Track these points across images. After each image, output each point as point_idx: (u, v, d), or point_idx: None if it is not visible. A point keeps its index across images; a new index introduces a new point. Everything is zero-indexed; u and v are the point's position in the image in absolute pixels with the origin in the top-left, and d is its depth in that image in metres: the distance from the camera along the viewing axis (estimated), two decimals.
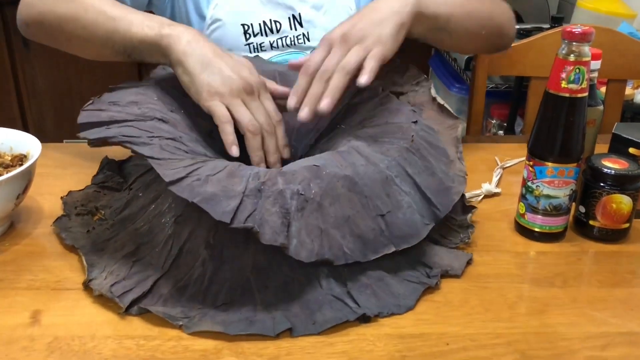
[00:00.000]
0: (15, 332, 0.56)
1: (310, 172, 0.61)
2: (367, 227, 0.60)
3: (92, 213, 0.72)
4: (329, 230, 0.59)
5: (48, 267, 0.65)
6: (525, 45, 1.16)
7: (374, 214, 0.61)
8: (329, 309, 0.58)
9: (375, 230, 0.61)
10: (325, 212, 0.59)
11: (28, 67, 2.14)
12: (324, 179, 0.61)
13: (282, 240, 0.56)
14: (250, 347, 0.55)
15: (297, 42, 0.97)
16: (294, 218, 0.58)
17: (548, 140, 0.68)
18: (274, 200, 0.58)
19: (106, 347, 0.54)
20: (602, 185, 0.70)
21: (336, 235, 0.59)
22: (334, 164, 0.64)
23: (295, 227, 0.58)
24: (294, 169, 0.62)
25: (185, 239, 0.62)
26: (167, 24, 0.74)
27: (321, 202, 0.59)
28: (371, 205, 0.61)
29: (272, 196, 0.58)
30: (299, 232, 0.58)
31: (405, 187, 0.64)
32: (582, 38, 0.64)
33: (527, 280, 0.65)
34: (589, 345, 0.55)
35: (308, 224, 0.58)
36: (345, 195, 0.61)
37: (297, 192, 0.59)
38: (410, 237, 0.62)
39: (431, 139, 0.71)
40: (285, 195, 0.59)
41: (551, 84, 0.67)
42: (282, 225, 0.57)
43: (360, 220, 0.60)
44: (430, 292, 0.62)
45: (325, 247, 0.58)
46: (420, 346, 0.55)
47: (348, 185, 0.61)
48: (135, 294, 0.58)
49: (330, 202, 0.60)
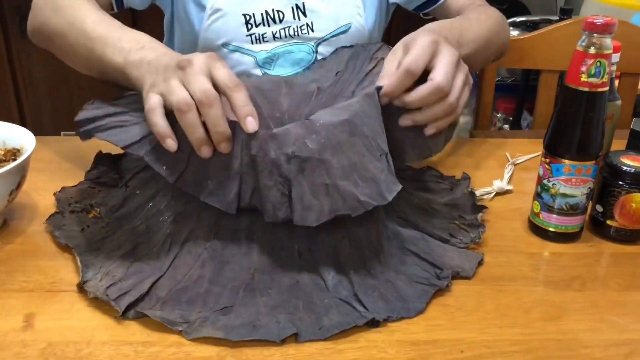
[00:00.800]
0: (7, 337, 0.53)
1: (303, 128, 0.57)
2: (376, 169, 0.57)
3: (87, 210, 0.69)
4: (337, 184, 0.55)
5: (42, 268, 0.62)
6: (536, 38, 1.13)
7: (378, 154, 0.58)
8: (336, 312, 0.55)
9: (383, 170, 0.58)
10: (329, 165, 0.55)
11: (25, 56, 2.11)
12: (319, 131, 0.57)
13: (283, 214, 0.54)
14: (255, 353, 0.52)
15: (300, 32, 0.94)
16: (294, 184, 0.55)
17: (566, 136, 0.65)
18: (269, 173, 0.55)
19: (103, 353, 0.52)
20: (620, 183, 0.67)
21: (346, 186, 0.55)
22: (329, 113, 0.60)
23: (296, 193, 0.54)
24: (286, 128, 0.58)
25: (184, 238, 0.60)
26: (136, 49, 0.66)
27: (321, 157, 0.55)
28: (374, 144, 0.59)
29: (266, 168, 0.55)
30: (302, 196, 0.54)
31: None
32: (603, 29, 0.60)
33: (543, 283, 0.62)
34: (612, 354, 0.53)
35: (312, 184, 0.55)
36: (347, 142, 0.57)
37: (293, 154, 0.55)
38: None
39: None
40: (280, 162, 0.55)
41: (570, 77, 0.63)
42: (281, 196, 0.54)
43: (368, 163, 0.57)
44: (442, 295, 0.59)
45: (338, 202, 0.55)
46: (434, 353, 0.52)
47: (349, 130, 0.57)
48: (132, 297, 0.55)
49: (332, 153, 0.56)
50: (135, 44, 0.67)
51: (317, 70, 0.86)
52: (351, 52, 0.84)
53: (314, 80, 0.81)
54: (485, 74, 1.15)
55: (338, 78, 0.80)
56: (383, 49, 0.80)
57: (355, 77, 0.78)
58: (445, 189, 0.77)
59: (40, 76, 2.14)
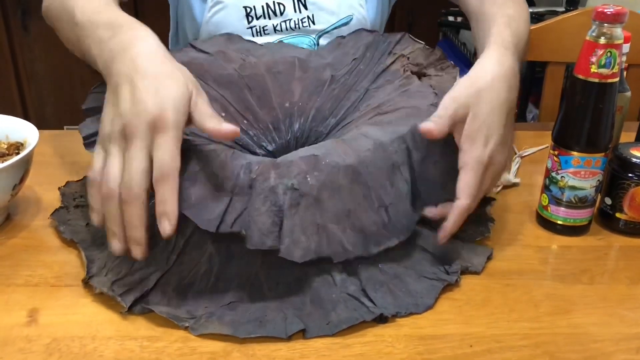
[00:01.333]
0: (11, 333, 0.53)
1: (307, 164, 0.57)
2: (369, 220, 0.57)
3: None
4: (327, 226, 0.55)
5: (46, 262, 0.62)
6: (542, 29, 1.12)
7: (376, 206, 0.57)
8: (344, 308, 0.55)
9: (377, 223, 0.57)
10: (323, 206, 0.55)
11: (27, 50, 2.11)
12: (323, 170, 0.57)
13: (271, 242, 0.52)
14: (262, 348, 0.51)
15: (301, 25, 0.93)
16: (287, 216, 0.54)
17: (575, 128, 0.64)
18: (264, 198, 0.54)
19: (108, 348, 0.51)
20: (630, 175, 0.66)
21: (335, 231, 0.55)
22: (337, 152, 0.59)
23: (288, 225, 0.54)
24: (289, 160, 0.58)
25: (190, 232, 0.59)
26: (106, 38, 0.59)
27: (318, 196, 0.55)
28: (374, 196, 0.57)
29: (262, 193, 0.54)
30: (292, 230, 0.54)
31: (406, 175, 0.60)
32: (614, 19, 0.59)
33: (552, 277, 0.62)
34: (623, 348, 0.52)
35: (303, 220, 0.54)
36: (346, 188, 0.57)
37: (292, 186, 0.55)
38: (407, 230, 0.58)
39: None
40: (278, 191, 0.55)
41: (579, 68, 0.62)
42: (272, 224, 0.53)
43: (362, 213, 0.57)
44: (450, 290, 0.59)
45: (324, 243, 0.54)
46: (443, 348, 0.52)
47: (351, 175, 0.57)
48: (138, 292, 0.55)
49: (329, 195, 0.56)
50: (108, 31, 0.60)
51: (334, 50, 0.83)
52: (371, 38, 0.81)
53: (329, 64, 0.79)
54: None
55: (354, 67, 0.78)
56: (403, 42, 0.78)
57: (371, 70, 0.77)
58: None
59: (42, 70, 2.14)
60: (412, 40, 0.78)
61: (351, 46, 0.82)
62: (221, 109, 0.72)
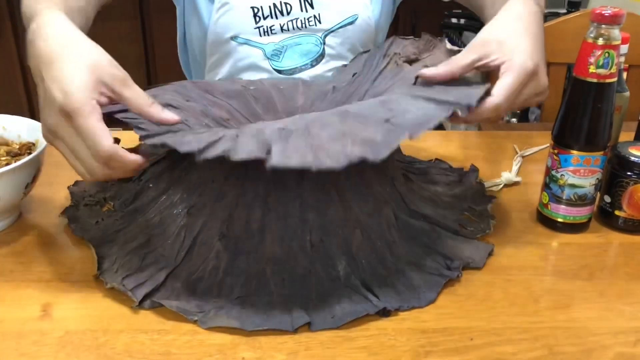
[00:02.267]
0: (25, 326, 0.54)
1: (293, 118, 0.58)
2: (371, 133, 0.51)
3: (101, 204, 0.70)
4: (323, 145, 0.50)
5: (58, 259, 0.64)
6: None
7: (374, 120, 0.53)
8: (348, 302, 0.56)
9: (382, 132, 0.51)
10: (315, 134, 0.51)
11: None
12: (309, 116, 0.56)
13: (258, 153, 0.48)
14: (268, 341, 0.53)
15: (308, 24, 0.95)
16: (276, 143, 0.50)
17: (574, 127, 0.65)
18: (252, 136, 0.52)
19: (119, 341, 0.53)
20: (629, 174, 0.67)
21: (334, 145, 0.49)
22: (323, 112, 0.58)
23: (277, 147, 0.49)
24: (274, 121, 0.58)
25: (198, 230, 0.60)
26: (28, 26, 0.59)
27: (309, 129, 0.52)
28: (372, 118, 0.53)
29: (250, 133, 0.53)
30: (283, 150, 0.49)
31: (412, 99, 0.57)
32: (612, 20, 0.61)
33: (552, 273, 0.63)
34: (621, 341, 0.53)
35: (295, 143, 0.50)
36: (336, 121, 0.53)
37: (279, 128, 0.53)
38: (426, 123, 0.51)
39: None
40: (265, 131, 0.52)
41: (578, 68, 0.64)
42: (259, 149, 0.49)
43: (362, 129, 0.51)
44: (452, 285, 0.60)
45: (322, 157, 0.48)
46: (444, 341, 0.53)
47: (339, 114, 0.55)
48: (148, 287, 0.57)
49: (321, 127, 0.52)
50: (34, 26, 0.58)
51: (337, 73, 0.88)
52: (368, 55, 0.85)
53: (331, 82, 0.83)
54: None
55: (354, 79, 0.81)
56: (395, 43, 0.80)
57: (369, 76, 0.78)
58: (454, 181, 0.77)
59: None
60: (402, 39, 0.80)
61: (352, 68, 0.85)
62: (227, 114, 0.74)
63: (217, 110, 0.71)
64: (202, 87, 0.76)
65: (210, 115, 0.70)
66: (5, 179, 0.63)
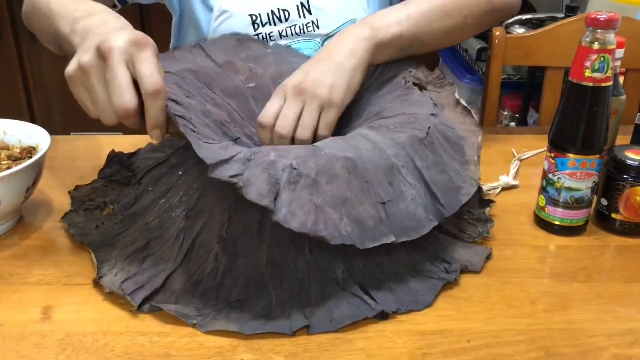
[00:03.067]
0: (26, 329, 0.55)
1: (306, 151, 0.58)
2: (365, 213, 0.56)
3: (101, 208, 0.71)
4: (324, 208, 0.54)
5: (58, 262, 0.64)
6: (541, 35, 1.14)
7: (374, 201, 0.57)
8: (347, 305, 0.56)
9: (374, 217, 0.57)
10: (321, 189, 0.55)
11: (35, 58, 2.13)
12: (321, 158, 0.57)
13: (268, 202, 0.52)
14: (267, 343, 0.53)
15: (306, 30, 0.95)
16: (285, 189, 0.54)
17: (570, 131, 0.66)
18: (263, 169, 0.54)
19: (119, 343, 0.53)
20: (625, 177, 0.68)
21: (332, 215, 0.55)
22: (336, 146, 0.60)
23: (285, 197, 0.54)
24: (289, 147, 0.59)
25: (197, 232, 0.61)
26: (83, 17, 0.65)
27: (317, 179, 0.56)
28: (372, 191, 0.58)
29: (262, 164, 0.55)
30: (290, 202, 0.53)
31: (411, 179, 0.61)
32: (607, 25, 0.61)
33: (549, 275, 0.63)
34: (616, 343, 0.54)
35: (301, 197, 0.54)
36: (343, 177, 0.57)
37: (290, 165, 0.55)
38: (412, 231, 0.58)
39: (450, 134, 0.67)
40: (277, 166, 0.55)
41: (574, 72, 0.64)
42: (269, 191, 0.53)
43: (359, 204, 0.56)
44: (450, 288, 0.61)
45: (320, 223, 0.54)
46: (441, 343, 0.53)
47: (348, 166, 0.58)
48: (147, 290, 0.57)
49: (327, 180, 0.56)
50: (84, 13, 0.65)
51: None
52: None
53: None
54: (491, 74, 1.16)
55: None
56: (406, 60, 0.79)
57: (374, 80, 0.78)
58: None
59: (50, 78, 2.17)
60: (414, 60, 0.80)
61: None
62: (227, 115, 0.74)
63: (217, 111, 0.72)
64: (201, 78, 0.76)
65: (210, 117, 0.71)
66: (7, 183, 0.64)
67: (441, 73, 0.77)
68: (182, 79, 0.74)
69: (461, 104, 0.73)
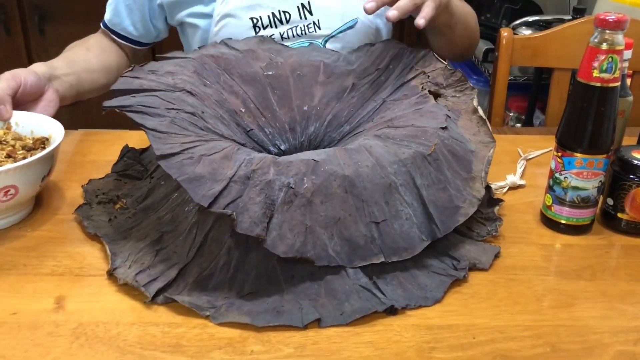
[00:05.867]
0: (40, 318, 0.56)
1: (306, 166, 0.60)
2: (358, 232, 0.59)
3: (114, 202, 0.72)
4: (315, 228, 0.57)
5: (71, 254, 0.65)
6: (548, 37, 1.15)
7: (367, 220, 0.59)
8: (357, 299, 0.57)
9: (366, 236, 0.59)
10: (315, 209, 0.58)
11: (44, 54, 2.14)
12: (319, 175, 0.59)
13: (259, 231, 0.55)
14: (277, 335, 0.54)
15: (307, 31, 0.96)
16: (278, 210, 0.57)
17: (578, 130, 0.66)
18: (260, 190, 0.57)
19: (131, 333, 0.54)
20: (631, 177, 0.68)
21: (322, 235, 0.58)
22: (337, 161, 0.61)
23: (277, 219, 0.57)
24: (290, 160, 0.61)
25: (209, 226, 0.62)
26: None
27: (312, 199, 0.58)
28: (367, 210, 0.59)
29: (259, 185, 0.57)
30: (281, 225, 0.56)
31: (408, 198, 0.61)
32: (616, 26, 0.62)
33: (555, 273, 0.64)
34: (621, 340, 0.54)
35: (293, 218, 0.57)
36: (339, 196, 0.59)
37: (287, 184, 0.58)
38: (403, 251, 0.59)
39: (457, 148, 0.67)
40: (274, 186, 0.57)
41: (582, 73, 0.65)
42: (263, 215, 0.56)
43: (352, 223, 0.58)
44: (458, 285, 0.61)
45: (309, 244, 0.57)
46: (448, 337, 0.54)
47: (345, 185, 0.59)
48: (161, 282, 0.58)
49: (322, 200, 0.58)
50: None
51: (362, 57, 0.85)
52: (397, 50, 0.83)
53: (353, 71, 0.82)
54: (498, 74, 1.16)
55: (376, 77, 0.81)
56: (426, 59, 0.80)
57: (391, 82, 0.79)
58: None
59: None
60: (435, 59, 0.80)
61: (377, 55, 0.84)
62: (242, 104, 0.75)
63: (232, 99, 0.73)
64: (221, 64, 0.77)
65: (224, 106, 0.72)
66: (24, 172, 0.65)
67: (462, 75, 0.77)
68: (202, 64, 0.75)
69: (478, 113, 0.73)
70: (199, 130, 0.65)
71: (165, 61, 0.76)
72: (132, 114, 0.63)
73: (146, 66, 0.74)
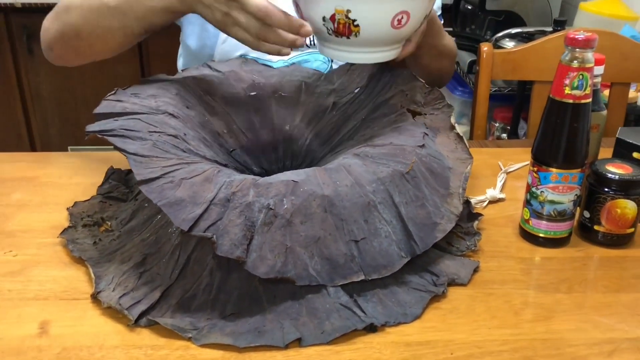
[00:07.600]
0: (24, 343, 0.56)
1: (286, 187, 0.61)
2: (338, 251, 0.60)
3: (99, 224, 0.73)
4: (295, 248, 0.58)
5: (55, 278, 0.66)
6: (528, 50, 1.17)
7: (347, 239, 0.60)
8: (337, 317, 0.58)
9: (346, 255, 0.60)
10: (294, 229, 0.59)
11: (32, 73, 2.15)
12: (299, 196, 0.60)
13: (240, 253, 0.56)
14: (258, 356, 0.55)
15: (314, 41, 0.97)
16: (258, 232, 0.58)
17: (552, 146, 0.68)
18: (240, 212, 0.58)
19: (114, 357, 0.55)
20: (606, 190, 0.70)
21: (302, 255, 0.58)
22: (316, 181, 0.62)
23: (257, 240, 0.58)
24: (269, 182, 0.62)
25: (192, 248, 0.63)
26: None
27: (291, 219, 0.59)
28: (346, 229, 0.60)
29: (239, 207, 0.58)
30: (261, 246, 0.57)
31: (387, 216, 0.62)
32: (585, 44, 0.64)
33: (533, 286, 0.65)
34: (596, 352, 0.55)
35: (273, 239, 0.58)
36: (318, 216, 0.60)
37: (267, 206, 0.59)
38: (383, 268, 0.60)
39: (435, 165, 0.68)
40: (253, 208, 0.58)
41: (555, 90, 0.67)
42: (243, 237, 0.57)
43: (332, 242, 0.59)
44: (437, 300, 0.62)
45: (289, 264, 0.58)
46: (427, 354, 0.55)
47: (325, 205, 0.60)
48: (144, 305, 0.59)
49: (302, 220, 0.59)
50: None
51: (342, 76, 0.86)
52: (377, 69, 0.84)
53: (334, 90, 0.83)
54: (479, 89, 1.18)
55: (356, 96, 0.82)
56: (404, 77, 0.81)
57: (371, 100, 0.80)
58: None
59: (47, 92, 2.19)
60: (414, 78, 0.81)
61: (357, 74, 0.86)
62: (225, 126, 0.77)
63: (215, 121, 0.74)
64: (203, 85, 0.78)
65: (207, 128, 0.73)
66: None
67: (440, 94, 0.79)
68: (184, 87, 0.76)
69: (455, 130, 0.74)
70: (181, 153, 0.66)
71: (148, 84, 0.77)
72: (113, 139, 0.64)
73: (129, 89, 0.75)
